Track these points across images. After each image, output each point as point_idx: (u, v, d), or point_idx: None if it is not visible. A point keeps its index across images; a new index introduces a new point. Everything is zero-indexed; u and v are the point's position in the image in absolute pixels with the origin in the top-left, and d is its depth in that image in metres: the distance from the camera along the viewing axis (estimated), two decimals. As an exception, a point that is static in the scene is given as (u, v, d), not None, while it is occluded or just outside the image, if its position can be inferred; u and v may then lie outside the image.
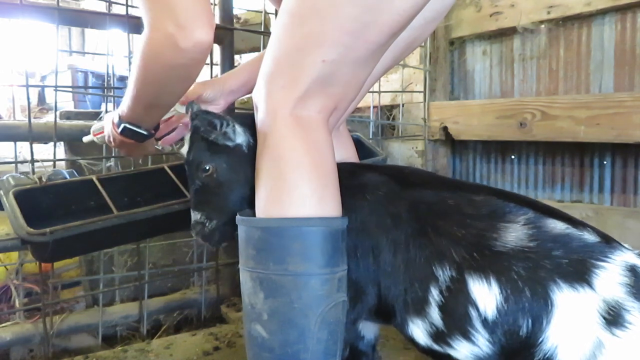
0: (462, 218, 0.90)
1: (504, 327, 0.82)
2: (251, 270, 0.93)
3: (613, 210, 1.89)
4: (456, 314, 0.86)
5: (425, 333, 0.91)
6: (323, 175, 0.91)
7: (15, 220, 1.15)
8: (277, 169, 0.91)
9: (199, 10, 0.91)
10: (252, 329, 0.94)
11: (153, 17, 0.90)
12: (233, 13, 2.05)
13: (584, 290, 0.78)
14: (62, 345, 1.73)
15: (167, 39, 0.89)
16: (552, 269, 0.80)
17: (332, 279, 0.91)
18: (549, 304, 0.79)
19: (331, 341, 0.92)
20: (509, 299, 0.82)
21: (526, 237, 0.84)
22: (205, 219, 1.06)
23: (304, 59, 0.90)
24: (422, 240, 0.91)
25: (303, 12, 0.90)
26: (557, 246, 0.82)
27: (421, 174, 1.10)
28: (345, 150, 1.21)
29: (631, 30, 1.86)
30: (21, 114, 2.90)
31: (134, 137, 1.15)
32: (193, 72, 1.00)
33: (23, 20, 1.51)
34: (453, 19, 2.42)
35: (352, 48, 0.89)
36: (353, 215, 0.97)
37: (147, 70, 0.97)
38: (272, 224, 0.90)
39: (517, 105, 2.08)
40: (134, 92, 1.04)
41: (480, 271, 0.84)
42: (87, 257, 1.88)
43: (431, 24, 1.15)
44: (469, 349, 0.87)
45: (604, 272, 0.78)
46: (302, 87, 0.91)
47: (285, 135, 0.91)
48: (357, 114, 2.65)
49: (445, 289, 0.87)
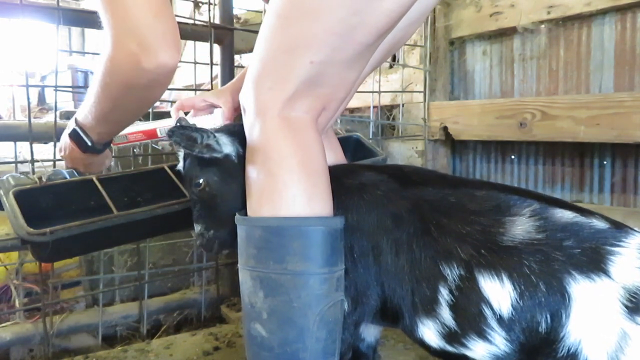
0: (466, 214, 0.88)
1: (521, 325, 0.80)
2: (251, 270, 0.93)
3: (613, 210, 1.89)
4: (469, 313, 0.84)
5: (437, 334, 0.89)
6: (312, 174, 0.91)
7: (15, 220, 1.14)
8: (267, 169, 0.92)
9: (164, 30, 0.90)
10: (252, 328, 0.94)
11: (116, 34, 0.89)
12: (233, 13, 2.05)
13: (600, 279, 0.75)
14: (62, 345, 1.73)
15: (129, 58, 0.88)
16: (565, 260, 0.78)
17: (330, 278, 0.91)
18: (566, 298, 0.76)
19: (330, 340, 0.92)
20: (523, 295, 0.79)
21: (534, 229, 0.82)
22: (204, 230, 1.08)
23: (292, 61, 0.90)
24: (426, 239, 0.90)
25: (290, 13, 0.89)
26: (567, 236, 0.80)
27: (422, 172, 1.09)
28: (333, 151, 1.20)
29: (631, 30, 1.86)
30: (21, 114, 2.89)
31: (79, 143, 1.17)
32: (153, 94, 1.00)
33: (23, 20, 1.51)
34: (453, 19, 2.41)
35: (339, 49, 0.89)
36: (351, 215, 0.96)
37: (106, 86, 0.96)
38: (272, 222, 0.90)
39: (517, 105, 2.08)
40: (91, 102, 1.04)
41: (491, 268, 0.82)
42: (87, 257, 1.88)
43: (415, 24, 1.15)
44: (486, 348, 0.84)
45: (619, 258, 0.75)
46: (290, 89, 0.91)
47: (274, 136, 0.91)
48: (357, 114, 2.65)
49: (455, 288, 0.85)
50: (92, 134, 1.15)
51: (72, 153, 1.22)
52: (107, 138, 1.21)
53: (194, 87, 2.00)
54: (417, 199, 0.94)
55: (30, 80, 1.96)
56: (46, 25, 1.65)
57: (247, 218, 0.94)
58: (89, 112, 1.09)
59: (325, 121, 1.02)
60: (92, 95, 1.03)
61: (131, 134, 1.27)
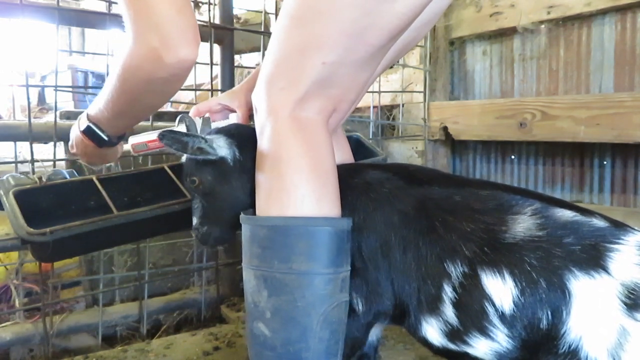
0: (471, 213, 0.89)
1: (523, 321, 0.81)
2: (255, 269, 0.93)
3: (613, 210, 1.89)
4: (472, 310, 0.84)
5: (439, 332, 0.90)
6: (322, 175, 0.92)
7: (15, 220, 1.14)
8: (277, 169, 0.92)
9: (185, 26, 0.90)
10: (255, 327, 0.94)
11: (137, 30, 0.90)
12: (233, 13, 2.05)
13: (600, 276, 0.76)
14: (62, 345, 1.73)
15: (151, 53, 0.89)
16: (565, 256, 0.78)
17: (335, 279, 0.91)
18: (567, 294, 0.77)
19: (333, 340, 0.92)
20: (525, 292, 0.80)
21: (535, 226, 0.82)
22: (199, 225, 1.11)
23: (304, 61, 0.90)
24: (432, 237, 0.90)
25: (303, 14, 0.89)
26: (567, 233, 0.80)
27: (426, 171, 1.09)
28: (341, 151, 1.21)
29: (631, 30, 1.86)
30: (21, 114, 2.89)
31: (94, 139, 1.15)
32: (172, 87, 1.00)
33: (23, 20, 1.52)
34: (453, 19, 2.42)
35: (351, 50, 0.89)
36: (358, 214, 0.96)
37: (126, 80, 0.96)
38: (278, 222, 0.90)
39: (517, 105, 2.08)
40: (108, 97, 1.04)
41: (493, 265, 0.83)
42: (87, 257, 1.88)
43: (427, 25, 1.15)
44: (488, 345, 0.85)
45: (618, 255, 0.76)
46: (302, 89, 0.91)
47: (285, 136, 0.92)
48: (357, 114, 2.65)
49: (458, 285, 0.86)
50: (108, 128, 1.14)
51: (86, 149, 1.20)
52: (123, 132, 1.20)
53: (194, 87, 2.00)
54: (423, 197, 0.94)
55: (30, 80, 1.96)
56: (46, 25, 1.65)
57: (253, 217, 0.95)
58: (104, 107, 1.08)
59: (335, 122, 1.03)
60: (108, 91, 1.03)
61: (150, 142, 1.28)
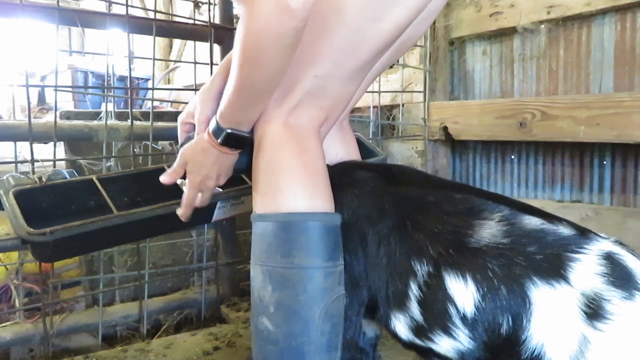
0: (440, 214, 0.91)
1: (484, 325, 0.82)
2: (262, 265, 0.97)
3: (613, 210, 1.89)
4: (435, 309, 0.87)
5: (406, 327, 0.93)
6: (313, 176, 0.97)
7: (15, 220, 1.14)
8: (270, 171, 0.97)
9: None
10: (259, 322, 0.97)
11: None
12: (233, 13, 2.05)
13: (560, 285, 0.77)
14: (62, 345, 1.73)
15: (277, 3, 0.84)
16: (527, 265, 0.80)
17: (334, 272, 0.95)
18: (527, 302, 0.78)
19: (334, 333, 0.96)
20: (486, 297, 0.81)
21: (500, 233, 0.84)
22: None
23: (297, 74, 0.96)
24: (402, 234, 0.94)
25: None
26: (531, 242, 0.81)
27: (408, 172, 1.12)
28: (348, 145, 1.25)
29: (631, 30, 1.86)
30: (21, 114, 2.89)
31: (238, 144, 1.03)
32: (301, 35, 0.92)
33: (23, 20, 1.52)
34: (453, 19, 2.42)
35: (342, 64, 0.95)
36: (345, 209, 1.01)
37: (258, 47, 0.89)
38: (280, 217, 0.94)
39: (517, 105, 2.08)
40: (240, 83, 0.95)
41: (457, 268, 0.85)
42: (87, 257, 1.88)
43: (424, 23, 1.17)
44: (451, 344, 0.87)
45: (579, 265, 0.77)
46: (295, 99, 0.97)
47: (278, 141, 0.97)
48: (357, 114, 2.65)
49: (423, 284, 0.89)
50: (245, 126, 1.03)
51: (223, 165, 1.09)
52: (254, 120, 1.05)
53: (194, 87, 2.00)
54: (400, 196, 0.99)
55: (30, 80, 1.96)
56: (46, 25, 1.64)
57: (261, 214, 0.98)
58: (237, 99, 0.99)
59: (326, 130, 1.07)
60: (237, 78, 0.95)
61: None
